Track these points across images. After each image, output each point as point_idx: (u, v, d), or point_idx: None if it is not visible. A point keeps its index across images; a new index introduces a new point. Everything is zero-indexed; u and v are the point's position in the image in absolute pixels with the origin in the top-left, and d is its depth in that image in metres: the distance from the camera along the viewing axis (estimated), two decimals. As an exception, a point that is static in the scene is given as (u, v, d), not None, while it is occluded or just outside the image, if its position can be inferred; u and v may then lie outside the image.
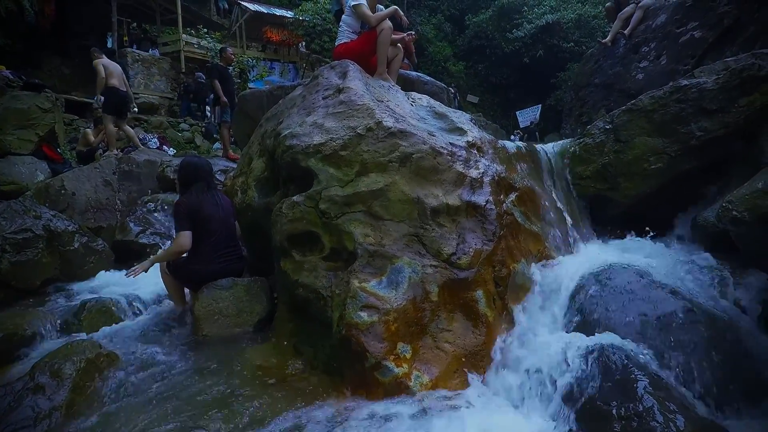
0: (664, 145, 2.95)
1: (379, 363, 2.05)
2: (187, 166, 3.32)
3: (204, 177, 3.26)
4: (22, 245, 3.72)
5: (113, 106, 6.91)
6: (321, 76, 3.44)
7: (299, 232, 2.60)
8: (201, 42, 14.82)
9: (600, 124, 3.33)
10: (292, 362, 2.49)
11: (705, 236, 2.71)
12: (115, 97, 6.86)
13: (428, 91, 4.91)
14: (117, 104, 6.93)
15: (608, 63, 6.85)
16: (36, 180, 6.69)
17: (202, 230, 3.11)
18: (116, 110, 6.97)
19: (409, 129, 2.68)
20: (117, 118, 7.04)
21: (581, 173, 3.31)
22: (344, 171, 2.59)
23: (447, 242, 2.42)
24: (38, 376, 2.16)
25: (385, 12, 3.89)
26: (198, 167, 3.31)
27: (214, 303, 2.98)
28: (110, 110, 6.93)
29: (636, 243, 2.97)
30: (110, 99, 6.84)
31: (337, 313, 2.26)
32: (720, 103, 2.77)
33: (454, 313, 2.30)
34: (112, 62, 7.08)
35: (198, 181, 3.21)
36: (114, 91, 6.83)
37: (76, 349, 2.36)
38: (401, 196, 2.49)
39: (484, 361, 2.21)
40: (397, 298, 2.22)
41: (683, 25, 5.75)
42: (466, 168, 2.68)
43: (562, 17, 18.25)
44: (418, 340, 2.19)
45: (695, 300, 2.23)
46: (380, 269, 2.33)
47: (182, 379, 2.38)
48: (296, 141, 2.74)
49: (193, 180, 3.22)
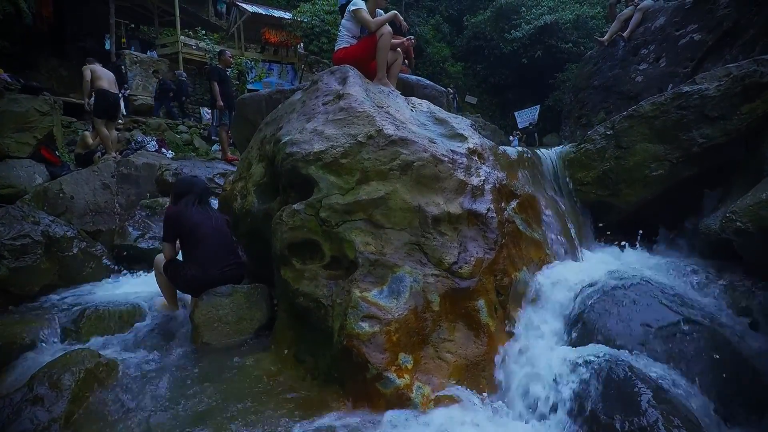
0: (666, 152, 2.94)
1: (380, 374, 2.04)
2: (181, 181, 3.44)
3: (196, 191, 3.29)
4: (20, 251, 3.68)
5: (103, 110, 6.89)
6: (321, 81, 3.42)
7: (299, 240, 2.58)
8: (199, 44, 14.80)
9: (601, 130, 3.32)
10: (292, 371, 2.47)
11: (707, 243, 2.70)
12: (105, 101, 6.84)
13: (428, 95, 4.91)
14: (106, 107, 6.90)
15: (607, 65, 6.85)
16: (34, 183, 6.67)
17: (192, 237, 3.13)
18: (106, 113, 6.94)
19: (410, 136, 2.67)
20: (107, 121, 7.00)
21: (582, 179, 3.30)
22: (345, 179, 2.58)
23: (448, 251, 2.40)
24: (37, 387, 2.14)
25: (384, 17, 3.87)
26: (192, 183, 3.39)
27: (214, 310, 2.96)
28: (100, 113, 6.90)
29: (637, 250, 2.97)
30: (99, 102, 6.82)
31: (338, 323, 2.25)
32: (722, 110, 2.76)
33: (456, 323, 2.29)
34: (102, 68, 7.07)
35: (189, 194, 3.25)
36: (103, 94, 6.80)
37: (75, 359, 2.33)
38: (402, 204, 2.48)
39: (486, 372, 2.20)
40: (399, 307, 2.21)
41: (682, 27, 5.76)
42: (467, 175, 2.67)
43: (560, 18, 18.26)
44: (419, 351, 2.18)
45: (698, 310, 2.22)
46: (381, 278, 2.31)
47: (181, 389, 2.36)
48: (296, 148, 2.72)
49: (185, 193, 3.26)
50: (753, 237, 1.95)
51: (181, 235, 3.13)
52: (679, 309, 2.20)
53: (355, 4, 3.92)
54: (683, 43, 5.63)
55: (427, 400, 2.03)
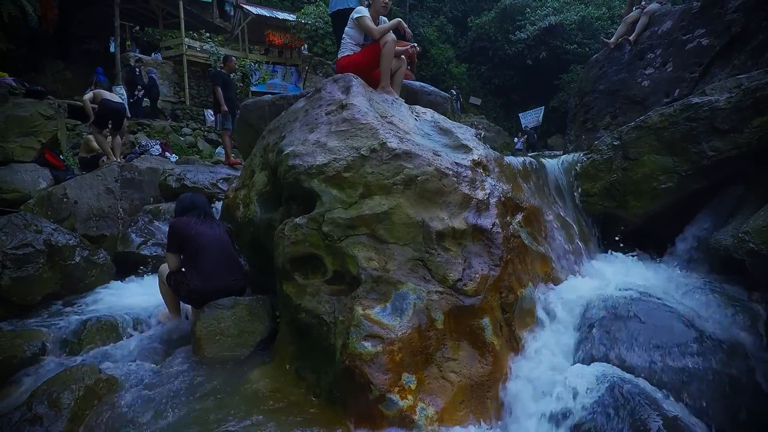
0: (674, 164, 2.89)
1: (383, 395, 2.00)
2: (183, 199, 3.41)
3: (199, 206, 3.30)
4: (22, 261, 3.67)
5: (103, 119, 6.92)
6: (324, 90, 3.39)
7: (301, 254, 2.55)
8: (203, 46, 14.82)
9: (607, 140, 3.27)
10: (293, 388, 2.43)
11: (716, 258, 2.65)
12: (106, 109, 6.87)
13: (431, 102, 4.87)
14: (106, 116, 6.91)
15: (613, 69, 6.77)
16: (38, 188, 6.67)
17: (195, 248, 3.11)
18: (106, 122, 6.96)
19: (414, 149, 2.63)
20: (113, 129, 7.04)
21: (588, 190, 3.25)
22: (348, 193, 2.54)
23: (453, 267, 2.36)
24: (36, 406, 2.12)
25: (388, 25, 3.84)
26: (194, 200, 3.38)
27: (216, 323, 2.94)
28: (99, 123, 6.93)
29: (646, 263, 2.91)
30: (100, 111, 6.86)
31: (340, 341, 2.21)
32: (732, 123, 2.70)
33: (460, 342, 2.24)
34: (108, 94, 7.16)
35: (194, 210, 3.25)
36: (105, 104, 6.84)
37: (74, 376, 2.31)
38: (406, 219, 2.44)
39: (492, 392, 2.16)
40: (402, 326, 2.17)
41: (690, 32, 5.67)
42: (472, 189, 2.63)
43: (565, 19, 18.20)
44: (423, 370, 2.14)
45: (709, 329, 2.17)
46: (384, 295, 2.28)
47: (180, 405, 2.34)
48: (299, 161, 2.69)
49: (189, 210, 3.26)
50: (766, 259, 1.90)
51: (184, 246, 3.12)
52: (689, 328, 2.15)
53: (358, 12, 3.89)
54: (690, 47, 5.56)
55: (431, 421, 1.99)
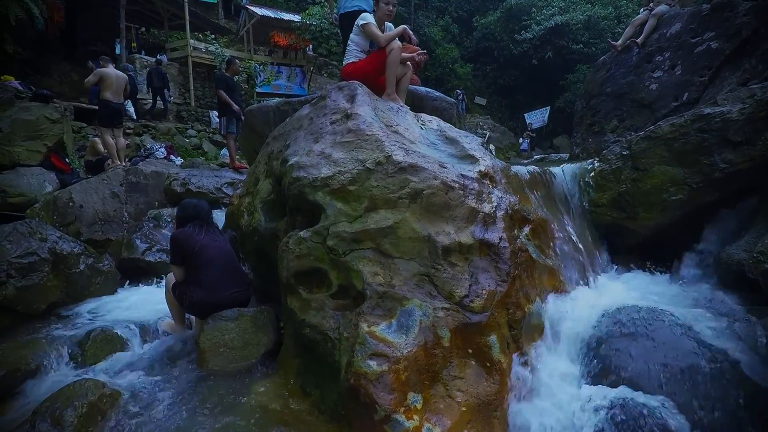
0: (685, 176, 2.83)
1: (388, 416, 1.97)
2: (185, 206, 3.35)
3: (201, 216, 3.26)
4: (27, 269, 3.67)
5: (107, 119, 7.02)
6: (329, 98, 3.36)
7: (306, 268, 2.52)
8: (208, 47, 14.83)
9: (616, 150, 3.21)
10: (297, 403, 2.41)
11: (728, 272, 2.60)
12: (107, 109, 6.99)
13: (437, 107, 4.81)
14: (108, 116, 7.04)
15: (620, 72, 6.69)
16: (44, 191, 6.70)
17: (199, 259, 3.08)
18: (109, 121, 7.09)
19: (420, 162, 2.59)
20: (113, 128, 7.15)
21: (597, 200, 3.20)
22: (352, 206, 2.51)
23: (459, 283, 2.33)
24: (39, 424, 2.10)
25: (394, 32, 3.80)
26: (197, 207, 3.33)
27: (220, 335, 2.91)
28: (105, 122, 7.04)
29: (655, 275, 2.86)
30: (102, 111, 6.98)
31: (345, 359, 2.18)
32: (745, 135, 2.64)
33: (467, 360, 2.21)
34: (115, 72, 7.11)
35: (196, 219, 3.22)
36: (106, 104, 6.95)
37: (77, 392, 2.30)
38: (411, 233, 2.40)
39: (499, 412, 2.12)
40: (408, 343, 2.14)
41: (699, 35, 5.59)
42: (479, 202, 2.59)
43: (571, 19, 18.06)
44: (429, 389, 2.11)
45: (720, 347, 2.12)
46: (390, 311, 2.24)
47: (185, 419, 2.32)
48: (303, 173, 2.66)
49: (191, 218, 3.23)
50: (781, 279, 1.86)
51: (186, 259, 3.09)
52: (700, 347, 2.10)
53: (363, 19, 3.85)
54: (699, 50, 5.47)
55: (437, 443, 1.96)
